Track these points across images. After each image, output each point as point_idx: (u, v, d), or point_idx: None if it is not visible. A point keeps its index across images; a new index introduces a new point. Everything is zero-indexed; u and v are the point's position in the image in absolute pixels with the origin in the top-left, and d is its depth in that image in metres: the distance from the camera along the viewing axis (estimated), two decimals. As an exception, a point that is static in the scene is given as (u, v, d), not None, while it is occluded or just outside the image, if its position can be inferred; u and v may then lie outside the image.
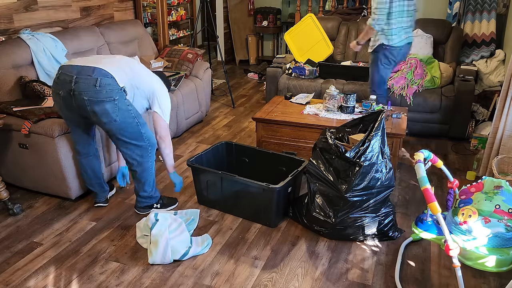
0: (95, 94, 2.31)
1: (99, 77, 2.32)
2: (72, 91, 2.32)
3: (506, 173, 3.11)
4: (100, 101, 2.33)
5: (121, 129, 2.45)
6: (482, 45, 4.50)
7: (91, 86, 2.31)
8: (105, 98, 2.33)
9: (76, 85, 2.32)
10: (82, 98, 2.32)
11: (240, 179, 2.63)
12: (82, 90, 2.31)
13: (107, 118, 2.38)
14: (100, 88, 2.31)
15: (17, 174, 2.97)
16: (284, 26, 6.78)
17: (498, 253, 2.04)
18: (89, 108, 2.35)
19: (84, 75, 2.32)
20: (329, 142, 2.50)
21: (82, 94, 2.31)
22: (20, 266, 2.33)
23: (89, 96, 2.31)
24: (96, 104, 2.33)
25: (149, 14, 4.94)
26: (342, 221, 2.48)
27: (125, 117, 2.43)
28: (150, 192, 2.74)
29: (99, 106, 2.34)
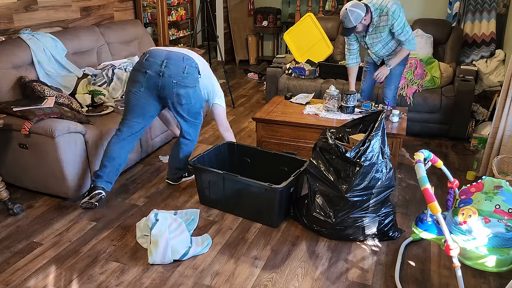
0: (182, 79, 2.70)
1: (187, 65, 2.73)
2: (161, 73, 2.67)
3: (506, 173, 3.11)
4: (185, 85, 2.72)
5: (191, 110, 2.85)
6: (482, 45, 4.50)
7: (180, 72, 2.69)
8: (190, 84, 2.74)
9: (166, 68, 2.68)
10: (171, 81, 2.68)
11: (242, 179, 2.63)
12: (171, 73, 2.68)
13: (186, 100, 2.77)
14: (187, 74, 2.72)
15: (17, 174, 2.97)
16: (284, 26, 6.78)
17: (498, 253, 2.05)
18: (175, 90, 2.71)
19: (174, 59, 2.70)
20: (329, 142, 2.50)
21: (171, 77, 2.68)
22: (20, 266, 2.33)
23: (177, 80, 2.69)
24: (182, 88, 2.72)
25: (149, 14, 4.95)
26: (342, 221, 2.48)
27: (199, 101, 2.87)
28: (187, 164, 3.11)
29: (184, 90, 2.74)
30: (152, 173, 3.40)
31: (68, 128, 2.74)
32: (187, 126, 2.96)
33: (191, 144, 3.06)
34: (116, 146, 2.83)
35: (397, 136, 3.05)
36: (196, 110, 2.90)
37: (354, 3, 3.15)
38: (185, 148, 3.04)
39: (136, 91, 2.76)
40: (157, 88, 2.72)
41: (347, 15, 3.12)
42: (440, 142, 4.03)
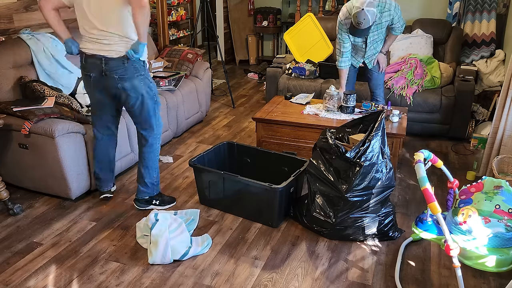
0: (124, 71, 2.47)
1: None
2: (103, 72, 2.48)
3: (506, 173, 3.11)
4: (129, 78, 2.49)
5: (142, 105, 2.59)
6: (482, 45, 4.50)
7: (120, 65, 2.46)
8: (134, 75, 2.50)
9: (107, 66, 2.47)
10: (113, 77, 2.47)
11: (242, 179, 2.63)
12: (112, 69, 2.46)
13: (135, 93, 2.54)
14: (128, 65, 2.47)
15: (17, 174, 2.97)
16: (284, 26, 6.78)
17: (498, 253, 2.04)
18: (120, 85, 2.50)
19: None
20: (329, 142, 2.50)
21: (112, 73, 2.46)
22: (20, 266, 2.33)
23: (119, 74, 2.47)
24: (126, 81, 2.50)
25: (149, 14, 4.94)
26: (342, 221, 2.48)
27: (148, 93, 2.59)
28: (155, 179, 2.81)
29: (129, 83, 2.50)
30: (152, 173, 3.40)
31: (68, 128, 2.74)
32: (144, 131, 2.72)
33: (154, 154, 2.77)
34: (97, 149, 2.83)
35: (397, 136, 3.05)
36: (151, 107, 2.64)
37: (368, 2, 3.01)
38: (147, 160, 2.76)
39: (91, 96, 2.68)
40: (104, 89, 2.57)
41: (366, 16, 3.00)
42: (440, 142, 4.03)
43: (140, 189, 2.82)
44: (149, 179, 2.79)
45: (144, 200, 2.84)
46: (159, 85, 3.84)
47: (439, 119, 3.95)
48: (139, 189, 2.83)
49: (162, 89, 3.84)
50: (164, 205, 2.89)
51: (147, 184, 2.79)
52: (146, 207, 2.85)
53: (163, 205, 2.88)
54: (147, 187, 2.81)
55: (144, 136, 2.72)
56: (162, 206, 2.88)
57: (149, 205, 2.86)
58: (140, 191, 2.82)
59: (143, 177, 2.78)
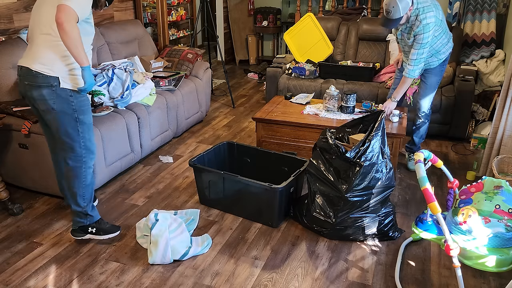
0: (32, 78, 2.16)
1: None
2: (19, 77, 2.22)
3: (506, 173, 3.11)
4: (38, 86, 2.16)
5: (58, 121, 2.23)
6: (482, 45, 4.49)
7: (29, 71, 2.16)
8: (42, 83, 2.15)
9: (21, 71, 2.21)
10: (24, 83, 2.19)
11: (242, 179, 2.63)
12: (23, 75, 2.19)
13: (44, 106, 2.20)
14: (36, 72, 2.15)
15: (17, 174, 2.97)
16: (284, 26, 6.78)
17: (498, 253, 2.04)
18: (29, 93, 2.19)
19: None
20: (329, 142, 2.50)
21: (23, 79, 2.19)
22: (20, 266, 2.33)
23: (29, 81, 2.17)
24: (34, 89, 2.17)
25: (149, 14, 4.94)
26: (342, 221, 2.48)
27: (63, 108, 2.21)
28: (84, 207, 2.42)
29: (37, 92, 2.17)
30: (152, 173, 3.40)
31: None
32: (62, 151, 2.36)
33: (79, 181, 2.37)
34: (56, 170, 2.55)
35: (397, 136, 3.05)
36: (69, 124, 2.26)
37: None
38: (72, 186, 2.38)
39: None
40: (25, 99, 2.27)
41: (396, 4, 2.82)
42: (440, 142, 4.03)
43: (72, 218, 2.48)
44: (76, 206, 2.42)
45: (78, 229, 2.48)
46: (159, 85, 3.84)
47: (439, 119, 3.95)
48: (72, 219, 2.49)
49: (162, 89, 3.85)
50: (102, 234, 2.48)
51: (75, 212, 2.43)
52: (82, 237, 2.48)
53: (101, 234, 2.48)
54: (76, 215, 2.44)
55: (64, 158, 2.35)
56: (101, 236, 2.48)
57: (85, 234, 2.48)
58: (72, 220, 2.48)
59: (71, 205, 2.44)
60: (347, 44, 4.79)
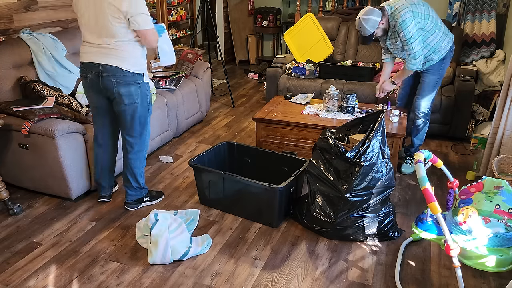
0: (122, 77, 2.48)
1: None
2: (100, 74, 2.48)
3: (506, 173, 3.11)
4: (126, 83, 2.50)
5: (135, 113, 2.60)
6: (482, 45, 4.50)
7: (118, 69, 2.47)
8: (131, 81, 2.51)
9: (104, 68, 2.47)
10: (110, 80, 2.48)
11: (242, 179, 2.63)
12: (110, 72, 2.47)
13: (129, 100, 2.54)
14: (126, 71, 2.49)
15: (17, 174, 2.97)
16: (284, 26, 6.78)
17: (498, 253, 2.04)
18: (115, 89, 2.50)
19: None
20: (329, 142, 2.50)
21: (110, 76, 2.47)
22: (20, 266, 2.33)
23: (116, 79, 2.48)
24: (123, 86, 2.50)
25: (149, 14, 4.94)
26: (342, 221, 2.48)
27: (143, 101, 2.60)
28: (142, 183, 2.83)
29: (125, 88, 2.51)
30: (152, 173, 3.40)
31: (68, 128, 2.74)
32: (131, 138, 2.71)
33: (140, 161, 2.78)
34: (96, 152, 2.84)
35: (397, 136, 3.05)
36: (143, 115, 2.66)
37: (367, 10, 2.98)
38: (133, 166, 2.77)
39: (89, 99, 2.69)
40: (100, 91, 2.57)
41: (362, 25, 2.98)
42: (440, 142, 4.03)
43: (128, 193, 2.84)
44: (136, 183, 2.80)
45: (134, 202, 2.87)
46: (159, 85, 3.84)
47: (439, 119, 3.95)
48: (127, 193, 2.85)
49: (162, 89, 3.85)
50: (155, 199, 2.96)
51: (134, 188, 2.82)
52: (138, 207, 2.88)
53: (154, 199, 2.95)
54: (135, 191, 2.83)
55: (130, 143, 2.71)
56: (154, 201, 2.95)
57: (140, 204, 2.89)
58: (129, 195, 2.84)
59: (129, 182, 2.80)
60: (347, 44, 4.79)
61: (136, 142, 2.70)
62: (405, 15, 2.93)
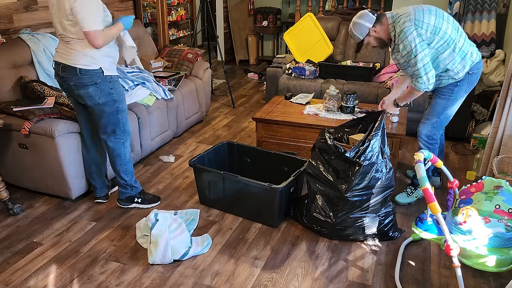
0: (78, 80, 2.47)
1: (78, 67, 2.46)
2: (61, 79, 2.52)
3: (506, 173, 3.11)
4: (84, 85, 2.48)
5: (102, 113, 2.58)
6: (482, 45, 4.49)
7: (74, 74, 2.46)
8: (88, 83, 2.47)
9: (63, 73, 2.49)
10: (69, 84, 2.49)
11: (242, 179, 2.63)
12: (67, 77, 2.48)
13: (91, 101, 2.52)
14: (81, 74, 2.46)
15: (17, 174, 2.97)
16: (284, 26, 6.78)
17: (498, 253, 2.05)
18: (76, 92, 2.51)
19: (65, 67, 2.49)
20: (328, 143, 2.50)
21: (67, 80, 2.48)
22: (20, 266, 2.33)
23: (74, 81, 2.47)
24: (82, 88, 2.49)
25: (149, 14, 4.95)
26: (342, 221, 2.48)
27: (107, 100, 2.55)
28: (129, 181, 2.81)
29: (84, 90, 2.49)
30: (152, 173, 3.40)
31: (68, 128, 2.74)
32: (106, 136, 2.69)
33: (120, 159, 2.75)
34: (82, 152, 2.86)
35: (397, 136, 3.05)
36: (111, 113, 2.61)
37: (360, 14, 2.67)
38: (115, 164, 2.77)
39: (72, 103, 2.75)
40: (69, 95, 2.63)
41: (350, 29, 2.71)
42: (440, 142, 4.03)
43: (119, 190, 2.87)
44: (121, 180, 2.80)
45: (125, 199, 2.88)
46: (159, 85, 3.84)
47: (439, 119, 3.94)
48: (119, 190, 2.88)
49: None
50: (147, 204, 2.91)
51: (122, 185, 2.83)
52: (128, 205, 2.89)
53: (145, 203, 2.90)
54: (124, 188, 2.84)
55: (104, 141, 2.70)
56: (145, 204, 2.90)
57: (131, 203, 2.89)
58: (120, 192, 2.87)
59: (116, 178, 2.83)
60: (347, 44, 4.79)
61: (110, 140, 2.68)
62: (404, 24, 2.50)
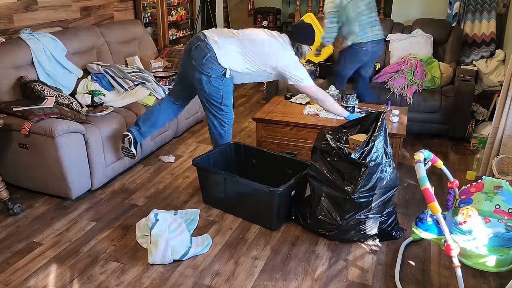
0: (199, 64, 2.82)
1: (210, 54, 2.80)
2: (189, 51, 2.86)
3: (506, 173, 3.11)
4: (200, 71, 2.83)
5: (206, 99, 2.95)
6: (482, 45, 4.50)
7: (201, 57, 2.81)
8: (204, 71, 2.82)
9: (194, 50, 2.83)
10: (191, 62, 2.85)
11: (242, 180, 2.62)
12: (194, 56, 2.83)
13: (199, 85, 2.88)
14: (206, 61, 2.80)
15: (17, 174, 2.97)
16: (284, 26, 6.78)
17: (498, 253, 2.05)
18: (191, 71, 2.87)
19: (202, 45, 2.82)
20: (330, 144, 2.48)
21: (193, 58, 2.84)
22: (20, 266, 2.33)
23: (196, 63, 2.82)
24: (197, 72, 2.84)
25: (149, 14, 4.94)
26: (348, 223, 2.45)
27: (212, 92, 2.90)
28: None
29: (198, 75, 2.85)
30: (152, 173, 3.40)
31: (68, 128, 2.74)
32: (209, 120, 3.10)
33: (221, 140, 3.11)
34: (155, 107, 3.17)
35: (397, 136, 3.05)
36: (216, 103, 2.97)
37: None
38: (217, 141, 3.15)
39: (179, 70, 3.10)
40: (185, 67, 2.94)
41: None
42: (440, 142, 4.03)
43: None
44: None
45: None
46: (159, 85, 3.83)
47: (439, 119, 3.95)
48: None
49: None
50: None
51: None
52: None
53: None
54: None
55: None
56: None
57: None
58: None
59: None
60: (347, 44, 4.78)
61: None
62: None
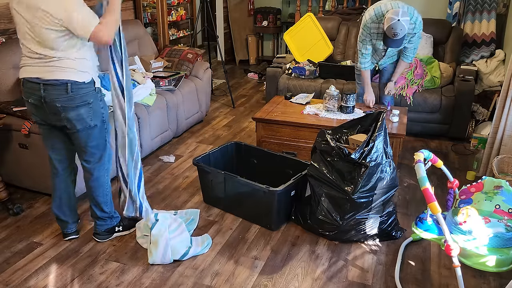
0: (67, 100, 2.12)
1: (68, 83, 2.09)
2: (43, 99, 2.11)
3: (506, 173, 3.11)
4: (75, 106, 2.14)
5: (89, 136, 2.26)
6: (482, 45, 4.50)
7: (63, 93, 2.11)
8: (80, 103, 2.15)
9: (46, 93, 2.10)
10: (55, 105, 2.12)
11: (241, 180, 2.62)
12: (54, 98, 2.10)
13: (82, 125, 2.20)
14: (73, 93, 2.12)
15: (17, 174, 2.97)
16: (284, 26, 6.78)
17: (498, 253, 2.05)
18: (63, 115, 2.15)
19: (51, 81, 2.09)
20: (330, 144, 2.48)
21: (54, 101, 2.11)
22: (20, 266, 2.33)
23: (62, 103, 2.12)
24: (71, 110, 2.14)
25: (149, 14, 4.94)
26: (348, 223, 2.46)
27: (98, 121, 2.26)
28: (109, 212, 2.49)
29: (74, 112, 2.15)
30: (152, 173, 3.40)
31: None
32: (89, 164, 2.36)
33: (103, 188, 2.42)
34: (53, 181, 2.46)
35: (397, 136, 3.05)
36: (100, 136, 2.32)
37: (402, 12, 2.92)
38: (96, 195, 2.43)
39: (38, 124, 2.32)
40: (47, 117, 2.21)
41: (403, 26, 2.92)
42: (440, 142, 4.03)
43: (96, 223, 2.51)
44: (102, 213, 2.46)
45: (104, 232, 2.52)
46: (159, 85, 3.83)
47: (439, 119, 3.95)
48: (95, 223, 2.51)
49: (162, 89, 3.84)
50: (128, 230, 2.60)
51: (101, 218, 2.48)
52: (109, 238, 2.54)
53: (127, 229, 2.59)
54: (103, 221, 2.50)
55: (89, 170, 2.36)
56: (127, 231, 2.59)
57: (112, 234, 2.55)
58: (98, 225, 2.50)
59: (95, 212, 2.46)
60: (347, 44, 4.79)
61: (95, 168, 2.35)
62: (419, 16, 3.11)
